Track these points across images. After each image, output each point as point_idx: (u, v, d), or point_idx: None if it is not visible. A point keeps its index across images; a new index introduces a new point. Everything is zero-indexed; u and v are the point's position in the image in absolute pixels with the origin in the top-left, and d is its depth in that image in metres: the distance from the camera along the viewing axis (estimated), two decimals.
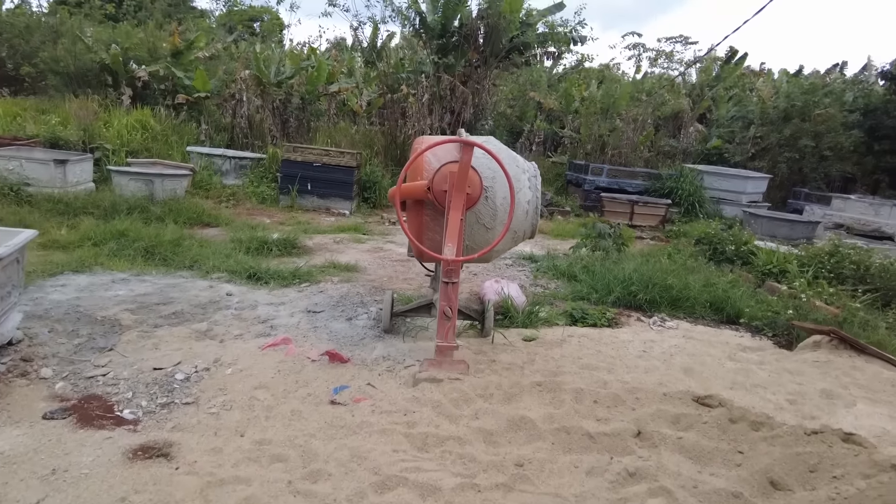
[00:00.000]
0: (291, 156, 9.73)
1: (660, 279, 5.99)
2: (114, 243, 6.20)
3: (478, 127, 12.17)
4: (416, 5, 11.78)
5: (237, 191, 9.87)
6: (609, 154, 14.59)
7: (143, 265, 5.87)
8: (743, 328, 5.64)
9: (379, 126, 13.86)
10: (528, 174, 3.93)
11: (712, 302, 5.95)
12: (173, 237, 6.58)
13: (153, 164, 9.08)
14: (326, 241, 7.71)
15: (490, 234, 3.79)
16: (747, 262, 7.73)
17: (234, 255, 6.26)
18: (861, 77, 18.09)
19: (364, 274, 6.30)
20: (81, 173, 8.33)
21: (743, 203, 13.20)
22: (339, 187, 9.81)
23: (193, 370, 3.69)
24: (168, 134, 10.95)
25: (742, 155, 15.27)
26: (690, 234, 10.84)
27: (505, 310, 5.09)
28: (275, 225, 8.43)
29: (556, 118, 16.78)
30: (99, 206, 7.42)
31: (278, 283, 5.61)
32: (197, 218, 7.92)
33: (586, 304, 5.68)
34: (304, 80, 12.55)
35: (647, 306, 5.80)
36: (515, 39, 11.71)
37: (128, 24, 15.46)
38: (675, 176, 13.16)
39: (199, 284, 5.46)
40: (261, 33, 18.39)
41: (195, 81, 12.04)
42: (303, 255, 6.81)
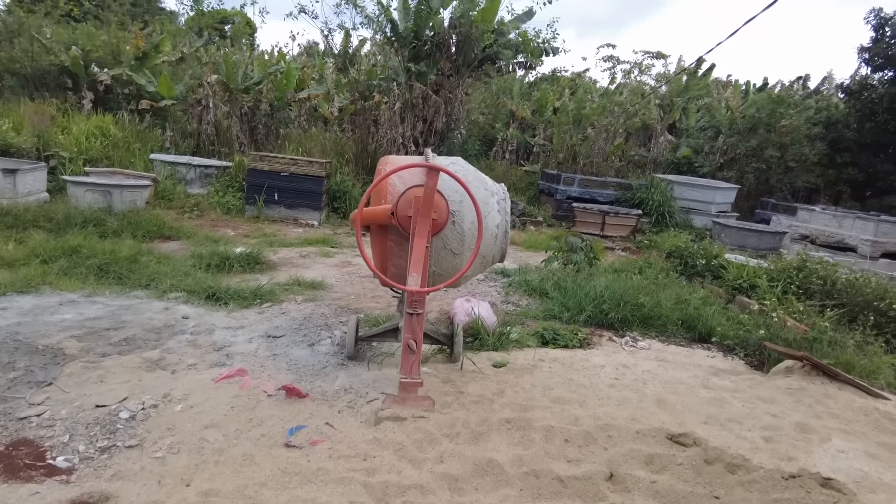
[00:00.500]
0: (258, 165, 9.42)
1: (631, 297, 5.89)
2: (65, 260, 5.84)
3: (450, 136, 12.01)
4: (388, 13, 11.57)
5: (202, 201, 9.52)
6: (581, 163, 14.57)
7: (96, 284, 5.54)
8: (715, 347, 5.56)
9: (351, 133, 13.61)
10: (497, 196, 3.76)
11: (684, 320, 5.87)
12: (130, 253, 6.25)
13: (112, 174, 8.69)
14: (292, 255, 7.44)
15: (458, 260, 3.61)
16: (718, 276, 7.70)
17: (194, 273, 5.96)
18: (822, 90, 18.47)
19: (330, 292, 6.06)
20: (34, 183, 7.91)
21: (712, 213, 13.28)
22: (308, 197, 9.53)
23: (140, 407, 3.41)
24: (130, 141, 10.52)
25: (711, 165, 15.41)
26: (661, 245, 10.84)
27: (475, 331, 4.91)
28: (239, 237, 8.12)
29: (529, 127, 16.72)
30: (51, 219, 7.02)
31: (238, 303, 5.33)
32: (157, 231, 7.57)
33: (558, 323, 5.54)
34: (272, 87, 12.23)
35: (618, 325, 5.69)
36: (488, 49, 11.57)
37: (90, 24, 14.90)
38: (646, 186, 13.18)
39: (154, 306, 5.16)
40: (230, 36, 17.93)
41: (159, 87, 11.62)
42: (266, 272, 6.54)
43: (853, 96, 14.74)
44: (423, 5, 11.28)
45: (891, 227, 10.45)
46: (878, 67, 14.39)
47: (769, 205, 13.91)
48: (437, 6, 11.41)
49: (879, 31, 14.24)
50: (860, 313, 6.16)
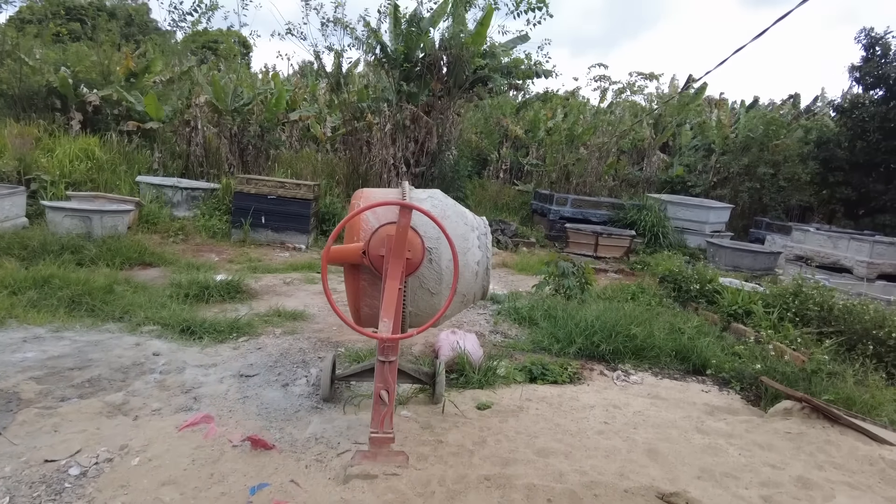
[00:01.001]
0: (245, 188, 9.21)
1: (623, 328, 5.66)
2: (35, 292, 5.58)
3: (442, 157, 11.83)
4: (377, 35, 11.46)
5: (187, 224, 9.28)
6: (574, 183, 14.42)
7: (66, 318, 5.28)
8: (710, 380, 5.32)
9: (343, 154, 13.44)
10: (478, 231, 3.54)
11: (678, 351, 5.64)
12: (105, 283, 5.99)
13: (94, 198, 8.46)
14: (275, 282, 7.20)
15: (436, 300, 3.37)
16: (712, 301, 7.48)
17: (170, 304, 5.71)
18: (814, 109, 18.42)
19: (311, 323, 5.81)
20: (11, 208, 7.67)
21: (706, 233, 13.11)
22: (295, 220, 9.31)
23: (93, 461, 3.15)
24: (116, 163, 10.31)
25: (704, 184, 15.27)
26: (654, 266, 10.64)
27: (461, 367, 4.67)
28: (223, 263, 7.88)
29: (522, 146, 16.60)
30: (26, 247, 6.77)
31: (213, 338, 5.08)
32: (138, 257, 7.33)
33: (547, 356, 5.29)
34: (263, 108, 12.06)
35: (610, 357, 5.45)
36: (479, 71, 11.44)
37: (83, 44, 14.75)
38: (639, 206, 13.02)
39: (125, 341, 4.90)
40: (223, 56, 17.82)
41: (147, 108, 11.43)
42: (247, 301, 6.29)
43: (844, 115, 14.66)
44: (414, 27, 11.18)
45: (886, 248, 10.27)
46: (869, 86, 14.33)
47: (763, 224, 13.75)
48: (427, 26, 11.30)
49: (870, 51, 14.20)
50: (859, 342, 5.94)
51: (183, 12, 12.15)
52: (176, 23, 12.31)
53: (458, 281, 3.39)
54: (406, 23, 11.27)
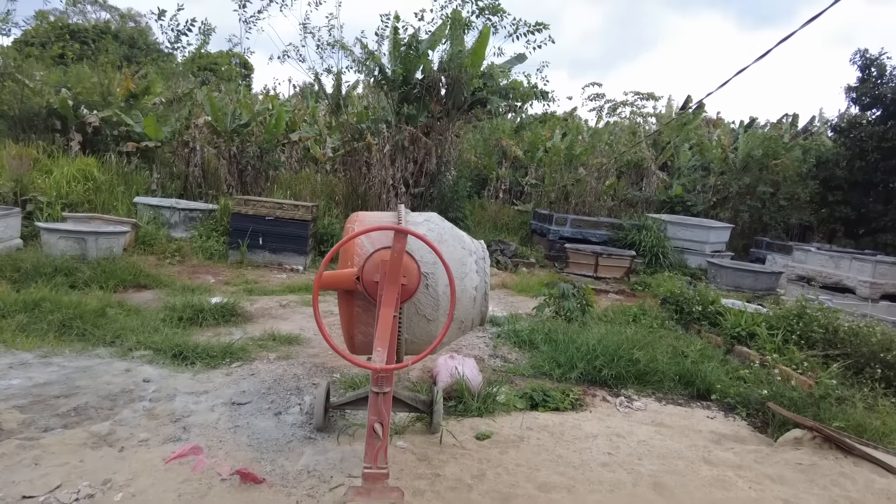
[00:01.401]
0: (242, 209, 9.11)
1: (625, 352, 5.51)
2: (24, 315, 5.45)
3: (440, 178, 11.77)
4: (375, 57, 11.47)
5: (184, 245, 9.17)
6: (573, 203, 14.34)
7: (56, 342, 5.14)
8: (715, 406, 5.17)
9: (342, 175, 13.39)
10: (476, 256, 3.42)
11: (682, 375, 5.49)
12: (98, 306, 5.86)
13: (90, 219, 8.36)
14: (271, 304, 7.06)
15: (432, 327, 3.25)
16: (715, 323, 7.34)
17: (163, 328, 5.57)
18: (812, 129, 18.45)
19: (306, 347, 5.66)
20: (6, 229, 7.57)
21: (706, 252, 13.00)
22: (293, 241, 9.20)
23: (73, 498, 2.99)
24: (114, 184, 10.23)
25: (704, 203, 15.20)
26: (655, 287, 10.52)
27: (459, 393, 4.52)
28: (219, 285, 7.75)
29: (521, 166, 16.57)
30: (19, 269, 6.64)
31: (205, 363, 4.93)
32: (132, 279, 7.20)
33: (548, 381, 5.14)
34: (262, 129, 12.03)
35: (612, 382, 5.30)
36: (478, 93, 11.43)
37: (84, 65, 14.78)
38: (639, 226, 12.92)
39: (115, 367, 4.75)
40: (222, 76, 17.91)
41: (146, 128, 11.40)
42: (241, 324, 6.15)
43: (843, 135, 14.65)
44: (412, 50, 11.19)
45: (889, 267, 10.14)
46: (866, 106, 14.34)
47: (763, 244, 13.65)
48: (425, 49, 11.31)
49: (866, 72, 14.24)
50: (866, 365, 5.79)
51: (180, 32, 12.15)
52: (173, 45, 12.30)
53: (456, 307, 3.27)
54: (405, 45, 11.28)
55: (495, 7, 10.80)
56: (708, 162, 16.51)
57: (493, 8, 10.78)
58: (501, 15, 10.88)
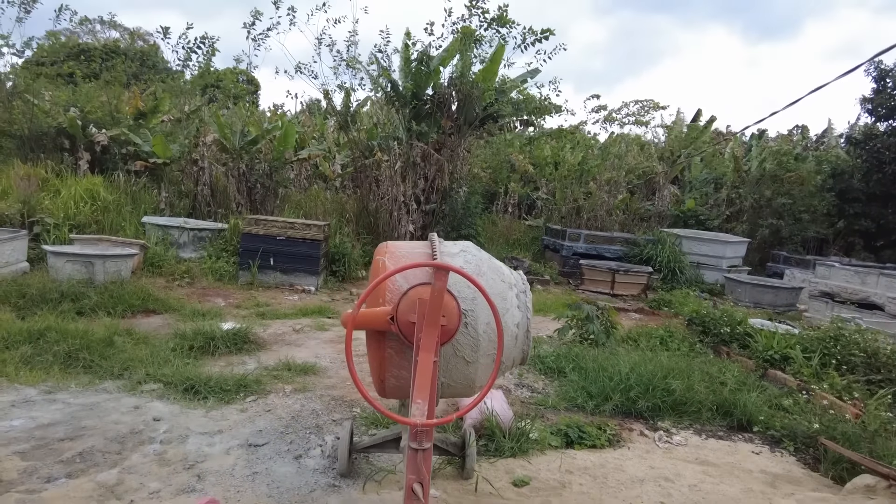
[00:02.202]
0: (253, 229, 8.84)
1: (660, 381, 5.18)
2: (28, 346, 5.15)
3: (452, 194, 11.50)
4: (387, 73, 11.25)
5: (193, 267, 8.89)
6: (585, 218, 14.04)
7: (61, 376, 4.83)
8: (758, 438, 4.82)
9: (351, 192, 13.14)
10: (517, 289, 3.11)
11: (719, 405, 5.15)
12: (105, 334, 5.56)
13: (98, 241, 8.10)
14: (285, 329, 6.75)
15: (471, 369, 2.93)
16: (745, 345, 6.99)
17: (174, 359, 5.26)
18: (824, 140, 18.15)
19: (323, 377, 5.34)
20: (12, 253, 7.31)
21: (723, 268, 12.67)
22: (305, 261, 8.91)
23: None
24: (122, 204, 9.98)
25: (718, 217, 14.88)
26: (675, 304, 10.20)
27: (489, 431, 4.19)
28: (229, 308, 7.45)
29: (531, 180, 16.30)
30: (24, 295, 6.36)
31: (219, 398, 4.61)
32: (141, 304, 6.91)
33: (582, 415, 4.81)
34: (270, 146, 11.81)
35: (648, 414, 4.96)
36: (490, 108, 11.19)
37: (94, 84, 14.62)
38: (654, 241, 12.60)
39: (123, 404, 4.44)
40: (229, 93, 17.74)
41: (154, 147, 11.19)
42: (254, 352, 5.84)
43: (858, 146, 14.34)
44: (423, 66, 10.97)
45: None
46: (882, 117, 14.06)
47: (781, 258, 13.31)
48: (436, 64, 11.10)
49: (881, 83, 13.96)
50: None
51: (190, 50, 11.98)
52: (183, 62, 12.12)
53: (495, 343, 2.96)
54: (416, 61, 11.06)
55: (503, 18, 10.57)
56: (720, 175, 16.22)
57: (502, 19, 10.56)
58: (510, 26, 10.66)
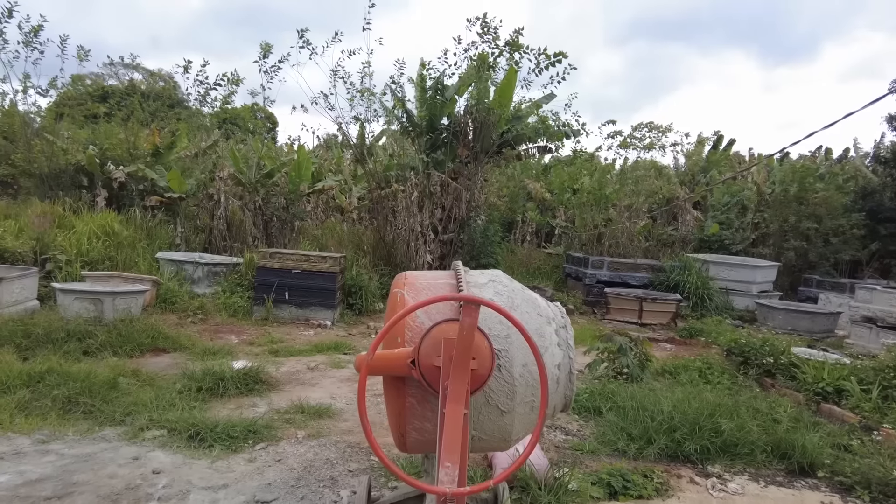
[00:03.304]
0: (268, 263, 8.52)
1: (707, 420, 4.64)
2: (27, 391, 4.79)
3: (470, 224, 11.13)
4: (402, 103, 11.05)
5: (206, 303, 8.56)
6: (606, 245, 13.54)
7: (58, 423, 4.45)
8: (824, 484, 4.25)
9: (368, 224, 12.84)
10: (556, 324, 2.67)
11: (774, 446, 4.59)
12: (109, 376, 5.19)
13: (110, 278, 7.83)
14: (299, 367, 6.34)
15: (506, 420, 2.48)
16: (792, 376, 6.41)
17: (180, 402, 4.86)
18: (848, 160, 17.56)
19: (339, 421, 4.89)
20: (21, 291, 7.04)
21: (753, 293, 12.05)
22: (321, 295, 8.55)
23: None
24: (137, 239, 9.75)
25: (743, 241, 14.29)
26: (710, 334, 9.62)
27: (523, 482, 3.70)
28: (242, 346, 7.07)
29: (549, 208, 15.91)
30: (29, 335, 6.05)
31: (225, 446, 4.19)
32: (150, 343, 6.56)
33: (623, 461, 4.29)
34: (286, 179, 11.60)
35: (697, 457, 4.42)
36: (506, 134, 10.89)
37: (114, 122, 14.65)
38: (680, 267, 12.04)
39: (121, 454, 4.03)
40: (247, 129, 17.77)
41: (171, 182, 11.03)
42: (266, 393, 5.42)
43: (887, 165, 13.75)
44: (439, 96, 10.75)
45: None
46: None
47: (814, 282, 12.66)
48: (452, 94, 10.87)
49: None
50: None
51: (209, 86, 11.94)
52: (202, 99, 12.07)
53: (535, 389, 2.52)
54: (431, 90, 10.85)
55: (515, 43, 10.34)
56: (742, 199, 15.67)
57: (515, 44, 10.32)
58: (522, 51, 10.41)
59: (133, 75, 26.45)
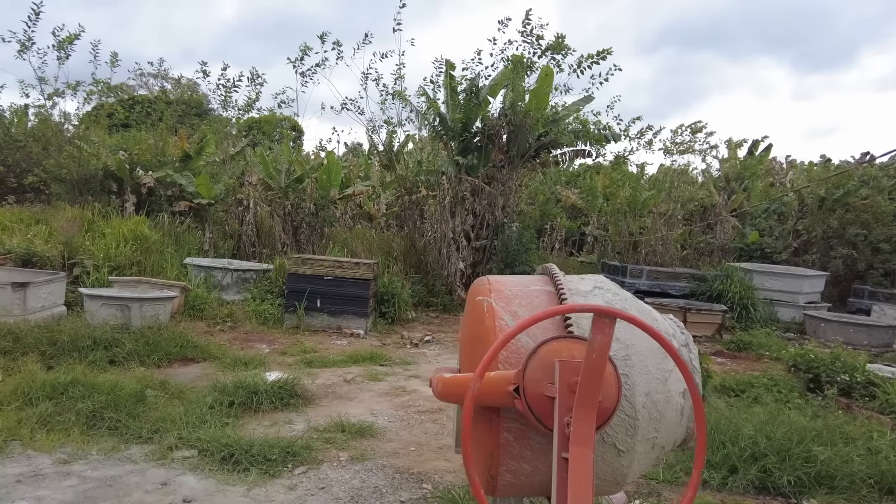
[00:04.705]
0: (299, 269, 8.11)
1: (797, 447, 4.06)
2: (50, 403, 4.39)
3: (504, 230, 10.63)
4: (436, 105, 10.61)
5: (236, 310, 8.17)
6: (643, 253, 12.92)
7: (82, 440, 4.04)
8: None
9: (397, 230, 12.41)
10: (677, 342, 2.16)
11: (878, 477, 3.99)
12: (136, 388, 4.78)
13: (137, 283, 7.47)
14: (335, 379, 5.87)
15: (623, 461, 1.97)
16: (870, 395, 5.78)
17: (211, 418, 4.42)
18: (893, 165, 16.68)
19: (383, 441, 4.41)
20: (48, 296, 6.70)
21: (800, 304, 11.33)
22: (353, 303, 8.10)
23: None
24: (165, 245, 9.42)
25: (786, 249, 13.55)
26: (756, 345, 8.99)
27: None
28: (274, 355, 6.64)
29: (580, 215, 15.33)
30: (55, 342, 5.68)
31: (262, 470, 3.73)
32: (178, 352, 6.15)
33: (708, 493, 3.74)
34: (315, 185, 11.23)
35: (790, 489, 3.84)
36: (543, 137, 10.39)
37: (144, 130, 14.46)
38: (722, 276, 11.38)
39: (149, 478, 3.60)
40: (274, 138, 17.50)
41: (199, 187, 10.72)
42: (302, 408, 4.96)
43: None
44: (473, 97, 10.30)
45: None
46: None
47: (865, 293, 11.89)
48: (485, 95, 10.41)
49: None
50: None
51: (227, 89, 11.67)
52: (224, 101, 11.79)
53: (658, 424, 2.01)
54: (464, 92, 10.40)
55: (559, 45, 9.84)
56: (783, 205, 14.93)
57: (558, 46, 9.82)
58: (565, 52, 9.91)
59: (164, 84, 26.52)
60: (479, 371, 1.62)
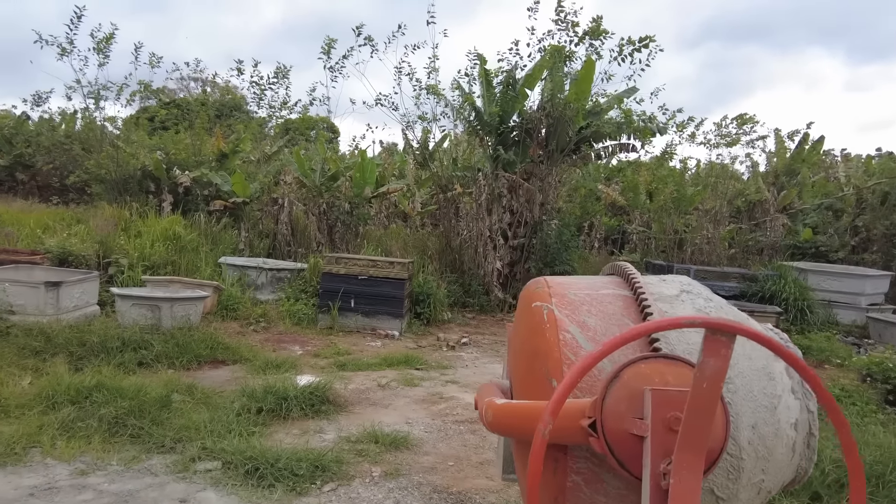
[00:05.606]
0: (333, 268, 7.83)
1: (893, 473, 3.52)
2: (73, 408, 4.18)
3: (543, 227, 10.15)
4: (471, 99, 10.20)
5: (270, 310, 7.94)
6: (688, 252, 12.23)
7: (102, 448, 3.80)
8: None
9: (432, 228, 12.05)
10: None
11: None
12: (162, 393, 4.53)
13: (170, 283, 7.31)
14: (368, 384, 5.54)
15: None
16: None
17: (237, 426, 4.14)
18: None
19: (419, 454, 4.04)
20: (82, 296, 6.58)
21: (862, 306, 10.49)
22: (388, 303, 7.78)
23: None
24: (200, 244, 9.29)
25: (843, 248, 12.65)
26: (817, 351, 8.28)
27: None
28: (306, 358, 6.36)
29: (622, 212, 14.68)
30: (84, 343, 5.51)
31: (288, 486, 3.40)
32: (208, 353, 5.92)
33: None
34: (350, 183, 10.98)
35: None
36: (584, 130, 9.86)
37: (181, 130, 14.51)
38: (774, 276, 10.63)
39: (168, 493, 3.32)
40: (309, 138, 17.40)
41: (234, 186, 10.60)
42: (333, 416, 4.64)
43: None
44: (510, 89, 9.86)
45: None
46: None
47: None
48: (522, 87, 9.94)
49: None
50: None
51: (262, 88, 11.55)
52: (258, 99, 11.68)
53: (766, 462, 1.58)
54: (501, 84, 9.97)
55: (597, 30, 9.28)
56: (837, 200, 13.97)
57: (595, 31, 9.27)
58: (604, 37, 9.35)
59: (204, 88, 26.89)
60: (552, 408, 1.21)
